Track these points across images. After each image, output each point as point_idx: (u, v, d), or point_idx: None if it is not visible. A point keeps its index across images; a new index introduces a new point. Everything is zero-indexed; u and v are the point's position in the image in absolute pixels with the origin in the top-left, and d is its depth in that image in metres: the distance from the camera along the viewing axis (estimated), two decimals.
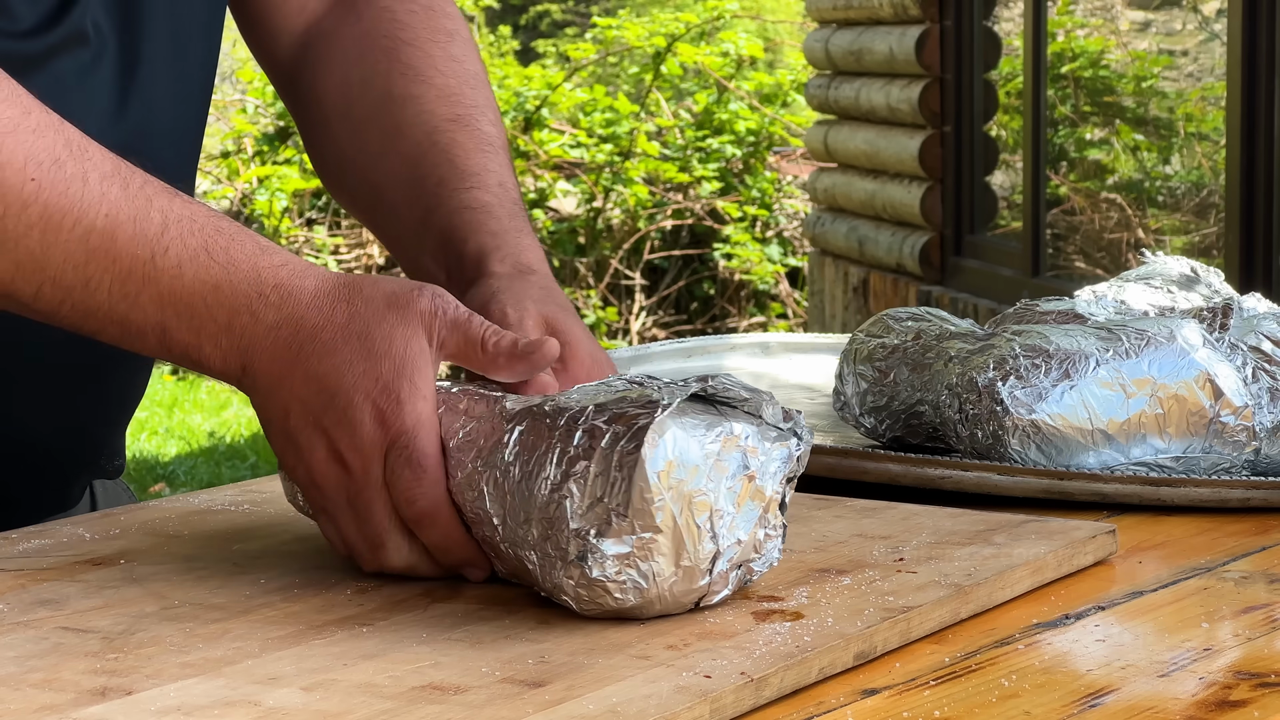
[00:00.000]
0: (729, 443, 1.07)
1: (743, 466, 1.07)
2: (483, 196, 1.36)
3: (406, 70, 1.44)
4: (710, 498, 1.05)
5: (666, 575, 1.05)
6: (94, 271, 1.12)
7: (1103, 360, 1.41)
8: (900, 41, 6.19)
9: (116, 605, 1.09)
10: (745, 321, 8.73)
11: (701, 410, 1.08)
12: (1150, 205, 5.91)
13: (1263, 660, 1.04)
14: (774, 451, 1.09)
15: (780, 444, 1.09)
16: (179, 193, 1.15)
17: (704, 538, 1.06)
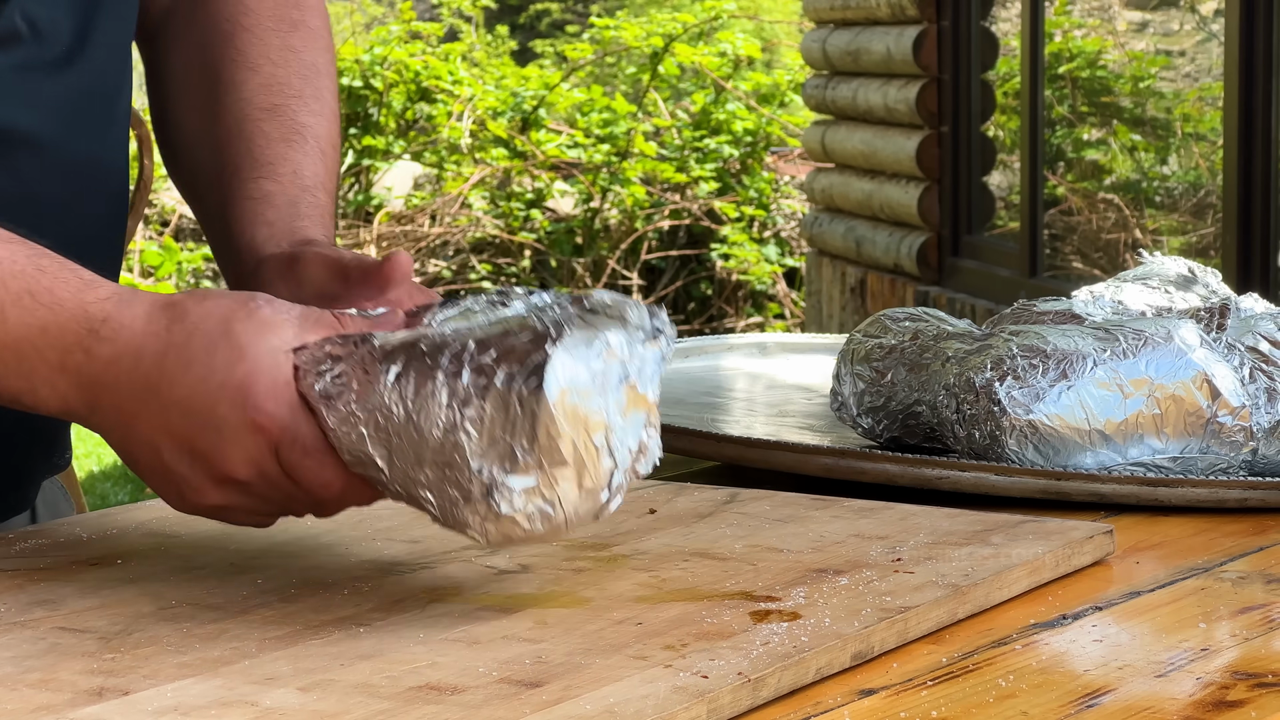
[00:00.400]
0: (609, 356, 1.06)
1: (623, 377, 1.06)
2: (267, 186, 1.32)
3: (237, 56, 1.40)
4: (603, 415, 1.05)
5: (572, 499, 1.05)
6: None
7: (1100, 360, 1.41)
8: (897, 42, 6.19)
9: (113, 605, 1.09)
10: (742, 322, 8.73)
11: (575, 324, 1.07)
12: (1148, 205, 5.91)
13: (1260, 660, 1.04)
14: (648, 355, 1.08)
15: (651, 346, 1.08)
16: (6, 234, 1.11)
17: (602, 456, 1.05)
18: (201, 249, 8.65)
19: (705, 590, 1.12)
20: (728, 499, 1.34)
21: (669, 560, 1.18)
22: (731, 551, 1.20)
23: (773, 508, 1.32)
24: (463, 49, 10.01)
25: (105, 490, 6.16)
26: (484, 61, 10.73)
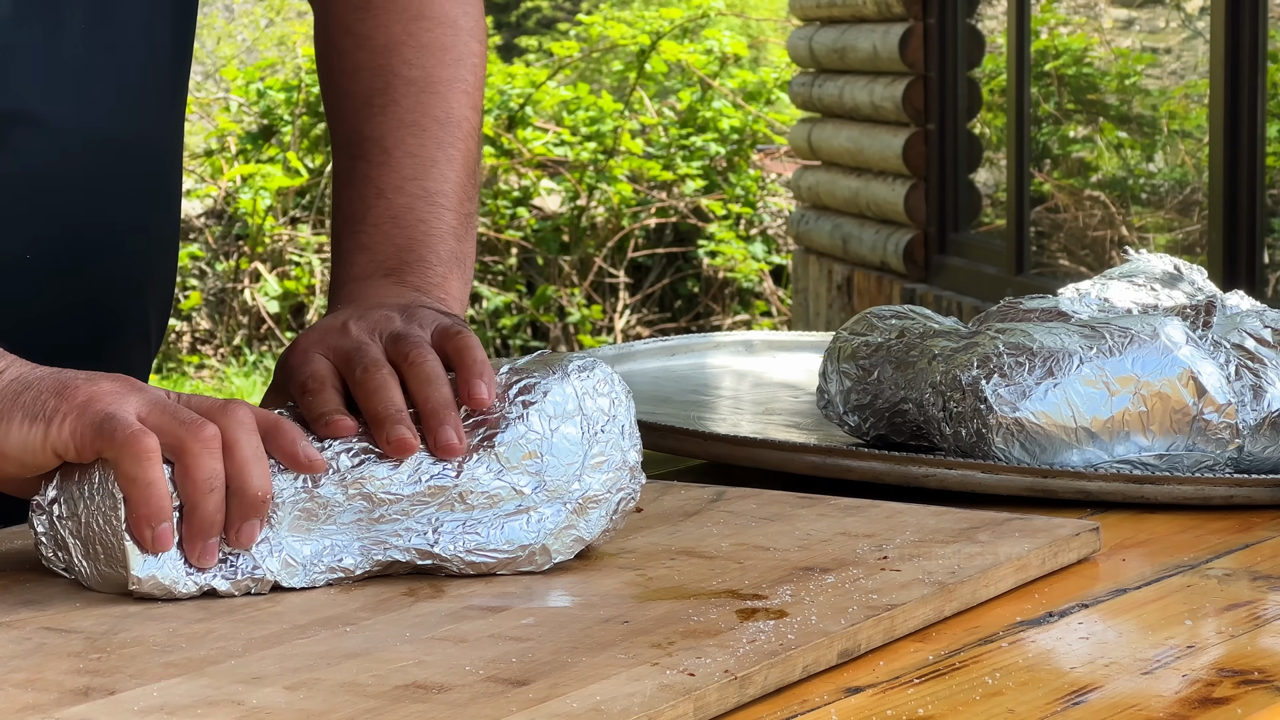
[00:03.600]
0: None
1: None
2: (352, 241, 1.36)
3: (369, 144, 1.40)
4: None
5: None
6: None
7: (1086, 358, 1.41)
8: (884, 39, 6.20)
9: (99, 605, 1.09)
10: (729, 319, 8.74)
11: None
12: (1134, 203, 5.91)
13: (1246, 657, 1.04)
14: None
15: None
16: None
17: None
18: (189, 248, 8.64)
19: (692, 588, 1.12)
20: (714, 497, 1.34)
21: (655, 558, 1.18)
22: (718, 550, 1.20)
23: (759, 506, 1.32)
24: None
25: None
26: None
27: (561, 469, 1.16)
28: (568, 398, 1.17)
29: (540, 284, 8.62)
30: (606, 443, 1.18)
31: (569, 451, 1.16)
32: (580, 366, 1.19)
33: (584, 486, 1.17)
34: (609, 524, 1.18)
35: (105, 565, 1.10)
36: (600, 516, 1.17)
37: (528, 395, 1.17)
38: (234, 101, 9.46)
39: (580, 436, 1.17)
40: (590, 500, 1.17)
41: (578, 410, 1.17)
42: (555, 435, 1.16)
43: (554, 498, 1.16)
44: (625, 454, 1.19)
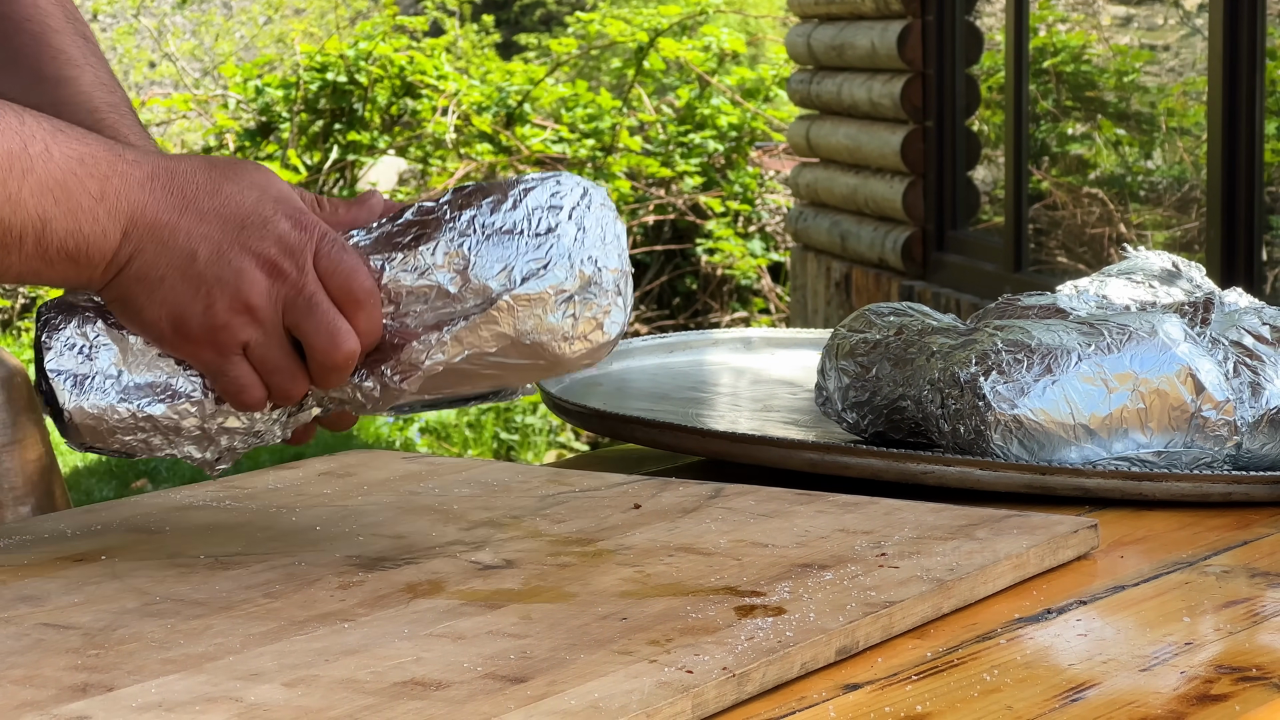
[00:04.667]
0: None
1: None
2: (107, 98, 1.37)
3: (58, 55, 1.41)
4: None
5: (629, 317, 1.17)
6: None
7: (1084, 355, 1.41)
8: (882, 36, 6.20)
9: (97, 601, 1.09)
10: (727, 316, 8.74)
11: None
12: (1132, 200, 5.92)
13: (1244, 654, 1.04)
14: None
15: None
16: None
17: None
18: None
19: (690, 585, 1.12)
20: (712, 494, 1.34)
21: (654, 555, 1.18)
22: (716, 547, 1.21)
23: (757, 503, 1.32)
24: (447, 42, 10.01)
25: (90, 486, 6.16)
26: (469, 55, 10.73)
27: (488, 268, 1.15)
28: (510, 209, 1.17)
29: None
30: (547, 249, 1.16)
31: (497, 254, 1.16)
32: (525, 188, 1.18)
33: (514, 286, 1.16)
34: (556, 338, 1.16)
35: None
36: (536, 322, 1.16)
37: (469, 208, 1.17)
38: (232, 99, 9.45)
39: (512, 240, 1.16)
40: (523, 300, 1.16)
41: (523, 220, 1.17)
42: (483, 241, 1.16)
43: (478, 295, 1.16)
44: (574, 266, 1.17)
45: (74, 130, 1.12)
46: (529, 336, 1.16)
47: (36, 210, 1.09)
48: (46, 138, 1.10)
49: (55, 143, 1.10)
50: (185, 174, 1.12)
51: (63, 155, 1.10)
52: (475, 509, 1.31)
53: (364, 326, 1.14)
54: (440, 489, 1.37)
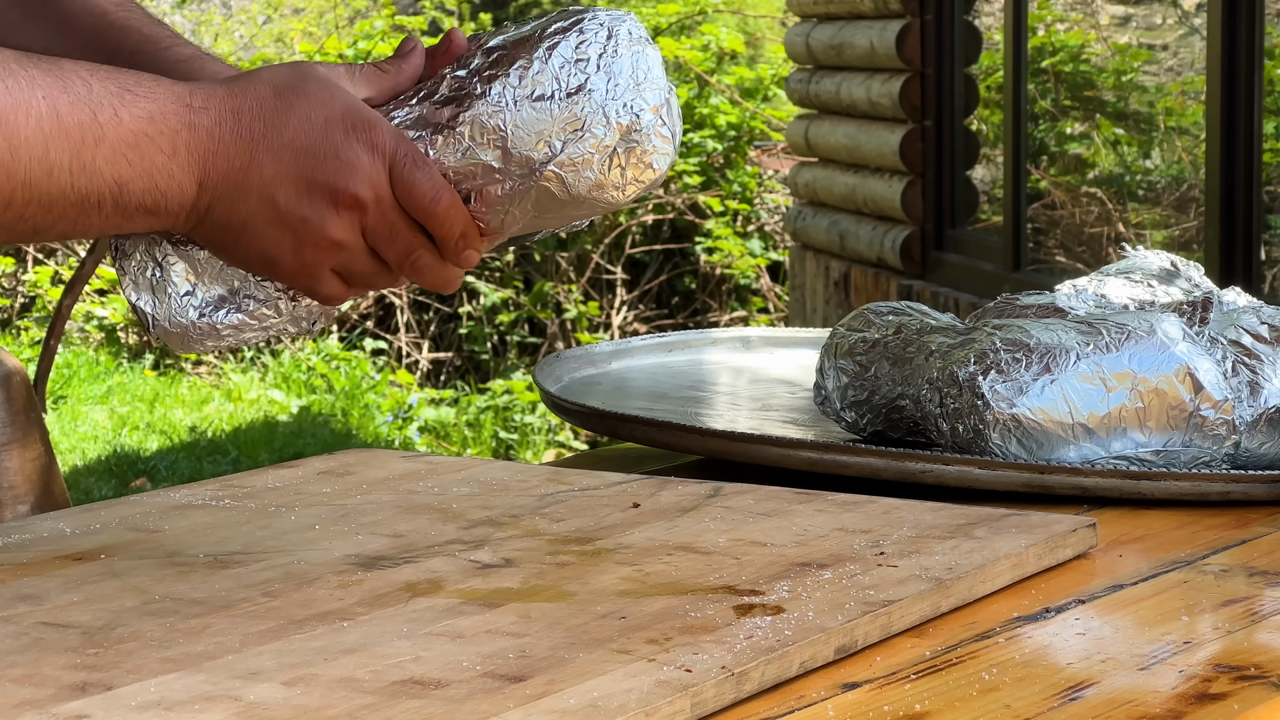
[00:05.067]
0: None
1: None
2: (185, 50, 1.35)
3: None
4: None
5: (678, 129, 1.20)
6: (54, 155, 1.10)
7: (1083, 354, 1.41)
8: (881, 36, 6.20)
9: (97, 600, 1.09)
10: (726, 316, 8.74)
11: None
12: (1130, 199, 5.92)
13: (1242, 653, 1.05)
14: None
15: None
16: (70, 59, 1.14)
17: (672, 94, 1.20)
18: None
19: (689, 584, 1.12)
20: (711, 493, 1.34)
21: (652, 554, 1.18)
22: (715, 545, 1.21)
23: (756, 502, 1.32)
24: None
25: (89, 485, 6.16)
26: None
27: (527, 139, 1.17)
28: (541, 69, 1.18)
29: (537, 280, 8.62)
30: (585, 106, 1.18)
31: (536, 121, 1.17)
32: (556, 29, 1.19)
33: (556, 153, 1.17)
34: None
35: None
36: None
37: (495, 69, 1.18)
38: None
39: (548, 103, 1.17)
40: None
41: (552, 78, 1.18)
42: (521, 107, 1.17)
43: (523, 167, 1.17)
44: (613, 116, 1.18)
45: (140, 86, 1.12)
46: (581, 193, 1.18)
47: (112, 175, 1.11)
48: (114, 102, 1.11)
49: (123, 105, 1.11)
50: (251, 111, 1.13)
51: (132, 117, 1.11)
52: (474, 508, 1.31)
53: (442, 235, 1.17)
54: (439, 488, 1.37)
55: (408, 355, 8.44)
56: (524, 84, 1.17)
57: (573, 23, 1.18)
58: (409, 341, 8.49)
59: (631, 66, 1.18)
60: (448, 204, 1.16)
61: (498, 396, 7.60)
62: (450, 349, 8.54)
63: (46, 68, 1.11)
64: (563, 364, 1.79)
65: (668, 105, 1.19)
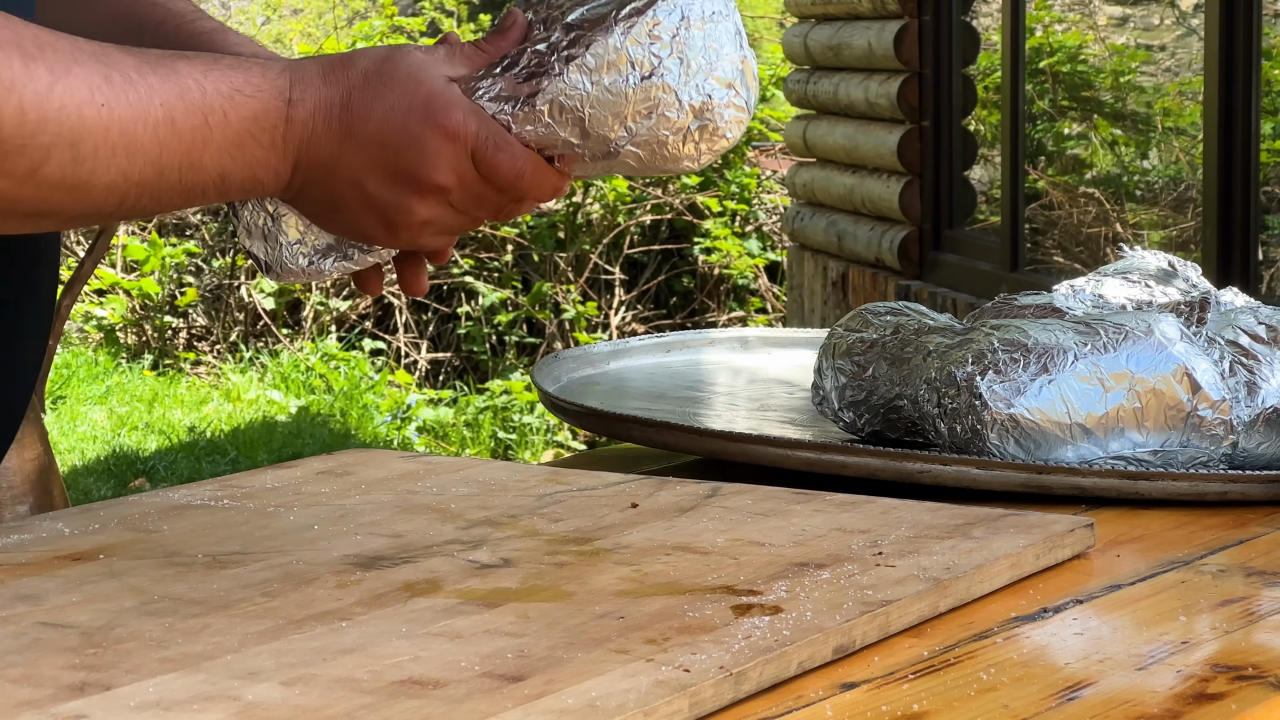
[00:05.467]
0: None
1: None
2: (208, 24, 1.42)
3: None
4: (737, 15, 1.25)
5: (754, 95, 1.24)
6: (167, 158, 1.18)
7: (1081, 354, 1.41)
8: (879, 36, 6.20)
9: (95, 600, 1.09)
10: (724, 316, 8.74)
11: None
12: (1128, 200, 5.92)
13: (1240, 653, 1.05)
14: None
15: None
16: (183, 53, 1.20)
17: (750, 55, 1.25)
18: (185, 244, 8.63)
19: (687, 584, 1.12)
20: (709, 493, 1.35)
21: (651, 554, 1.19)
22: (713, 545, 1.21)
23: (754, 502, 1.32)
24: None
25: (88, 485, 6.16)
26: None
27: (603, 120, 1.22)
28: (610, 49, 1.21)
29: (536, 281, 8.62)
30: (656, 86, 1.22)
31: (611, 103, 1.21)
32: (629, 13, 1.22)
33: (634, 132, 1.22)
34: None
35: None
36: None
37: (572, 49, 1.22)
38: None
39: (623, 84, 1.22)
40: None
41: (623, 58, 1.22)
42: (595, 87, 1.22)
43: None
44: (687, 94, 1.22)
45: (249, 84, 1.19)
46: (658, 165, 1.23)
47: (217, 170, 1.19)
48: (224, 104, 1.18)
49: (232, 107, 1.18)
50: (342, 101, 1.20)
51: (238, 119, 1.19)
52: (473, 508, 1.31)
53: (531, 197, 1.24)
54: (438, 488, 1.37)
55: (406, 355, 8.45)
56: (599, 66, 1.21)
57: (647, 2, 1.21)
58: (408, 342, 8.49)
59: (704, 45, 1.21)
60: (530, 175, 1.22)
61: (496, 397, 7.60)
62: (449, 349, 8.54)
63: (164, 73, 1.18)
64: (561, 364, 1.79)
65: (741, 75, 1.23)
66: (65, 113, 1.14)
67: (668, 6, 1.21)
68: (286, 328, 8.50)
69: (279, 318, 8.52)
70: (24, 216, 1.17)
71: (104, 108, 1.15)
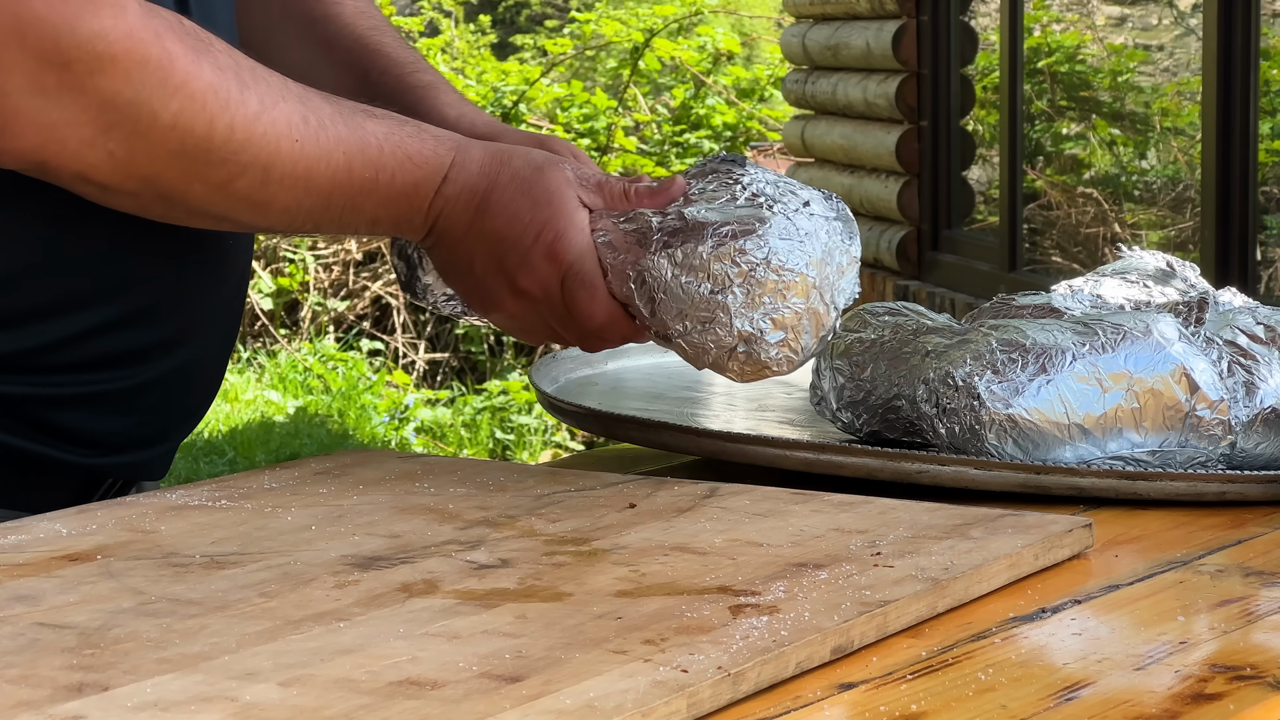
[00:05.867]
0: (828, 228, 1.35)
1: (831, 247, 1.35)
2: (426, 77, 1.60)
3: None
4: (831, 280, 1.34)
5: (810, 348, 1.34)
6: (335, 198, 1.35)
7: (1079, 355, 1.41)
8: (877, 36, 6.20)
9: (93, 601, 1.09)
10: None
11: (793, 206, 1.36)
12: (1127, 200, 5.92)
13: (1238, 653, 1.05)
14: (842, 229, 1.36)
15: (843, 224, 1.36)
16: (371, 110, 1.37)
17: (831, 312, 1.35)
18: None
19: (685, 585, 1.12)
20: (707, 493, 1.35)
21: (648, 555, 1.19)
22: (711, 546, 1.21)
23: (752, 502, 1.32)
24: (443, 43, 10.00)
25: None
26: (465, 55, 10.73)
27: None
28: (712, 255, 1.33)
29: None
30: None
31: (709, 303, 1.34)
32: (733, 232, 1.33)
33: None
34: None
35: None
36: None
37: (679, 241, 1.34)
38: None
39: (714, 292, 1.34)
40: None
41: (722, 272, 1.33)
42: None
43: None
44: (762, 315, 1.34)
45: (420, 153, 1.37)
46: (702, 365, 1.36)
47: (371, 215, 1.37)
48: (395, 166, 1.36)
49: (401, 170, 1.37)
50: (483, 193, 1.37)
51: (402, 181, 1.37)
52: (471, 508, 1.31)
53: (600, 337, 1.39)
54: (435, 488, 1.37)
55: (404, 356, 8.45)
56: (683, 263, 1.33)
57: (746, 228, 1.33)
58: (405, 342, 8.49)
59: (776, 287, 1.32)
60: (602, 319, 1.37)
61: (494, 397, 7.60)
62: (447, 349, 8.54)
63: (353, 127, 1.35)
64: (559, 364, 1.79)
65: (806, 326, 1.34)
66: (266, 140, 1.31)
67: (759, 242, 1.32)
68: (284, 328, 8.50)
69: (277, 318, 8.51)
70: (212, 219, 1.35)
71: (297, 144, 1.32)
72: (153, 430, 1.47)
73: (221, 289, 1.48)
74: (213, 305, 1.48)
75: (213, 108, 1.29)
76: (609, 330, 1.38)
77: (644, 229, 1.35)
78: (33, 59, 1.23)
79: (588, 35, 9.85)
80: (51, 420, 1.40)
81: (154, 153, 1.28)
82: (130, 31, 1.25)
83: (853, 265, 1.36)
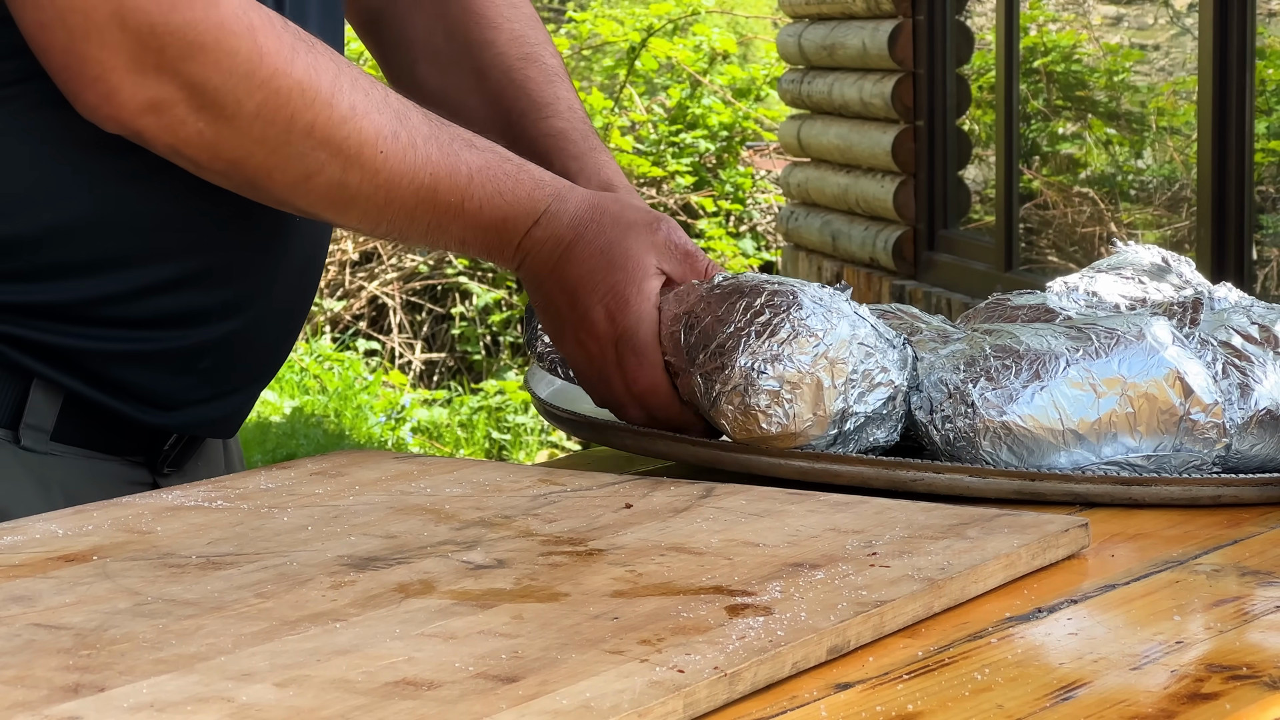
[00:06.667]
0: (867, 332, 1.41)
1: (864, 345, 1.40)
2: (558, 124, 1.66)
3: (480, 19, 1.72)
4: (848, 368, 1.39)
5: (805, 419, 1.40)
6: (419, 214, 1.43)
7: (1073, 360, 1.41)
8: (873, 36, 6.20)
9: (89, 602, 1.09)
10: None
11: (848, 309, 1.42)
12: (1122, 199, 5.92)
13: (1234, 653, 1.05)
14: (890, 351, 1.41)
15: (896, 351, 1.42)
16: (474, 140, 1.44)
17: (838, 400, 1.39)
18: None
19: (681, 585, 1.12)
20: (703, 493, 1.35)
21: (645, 555, 1.19)
22: (707, 546, 1.21)
23: (748, 502, 1.32)
24: None
25: None
26: None
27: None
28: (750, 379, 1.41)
29: None
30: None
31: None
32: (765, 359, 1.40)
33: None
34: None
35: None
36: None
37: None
38: None
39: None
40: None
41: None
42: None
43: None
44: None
45: (512, 192, 1.44)
46: (704, 401, 1.43)
47: (459, 237, 1.46)
48: (482, 196, 1.44)
49: (488, 203, 1.44)
50: (566, 245, 1.45)
51: (489, 214, 1.44)
52: (467, 509, 1.31)
53: (650, 408, 1.47)
54: (432, 488, 1.37)
55: (400, 356, 8.44)
56: (722, 309, 1.41)
57: (791, 289, 1.41)
58: (402, 342, 8.49)
59: (788, 338, 1.39)
60: (645, 385, 1.45)
61: (490, 397, 7.60)
62: (443, 349, 8.54)
63: (447, 152, 1.42)
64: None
65: (805, 386, 1.39)
66: (348, 144, 1.38)
67: (793, 299, 1.40)
68: None
69: None
70: (296, 210, 1.43)
71: (381, 155, 1.39)
72: (211, 392, 1.52)
73: (287, 260, 1.53)
74: (275, 275, 1.53)
75: (296, 104, 1.36)
76: (650, 397, 1.45)
77: (697, 305, 1.43)
78: (133, 40, 1.33)
79: (584, 35, 9.85)
80: (109, 374, 1.46)
81: (238, 139, 1.37)
82: (222, 23, 1.34)
83: (886, 389, 1.40)
